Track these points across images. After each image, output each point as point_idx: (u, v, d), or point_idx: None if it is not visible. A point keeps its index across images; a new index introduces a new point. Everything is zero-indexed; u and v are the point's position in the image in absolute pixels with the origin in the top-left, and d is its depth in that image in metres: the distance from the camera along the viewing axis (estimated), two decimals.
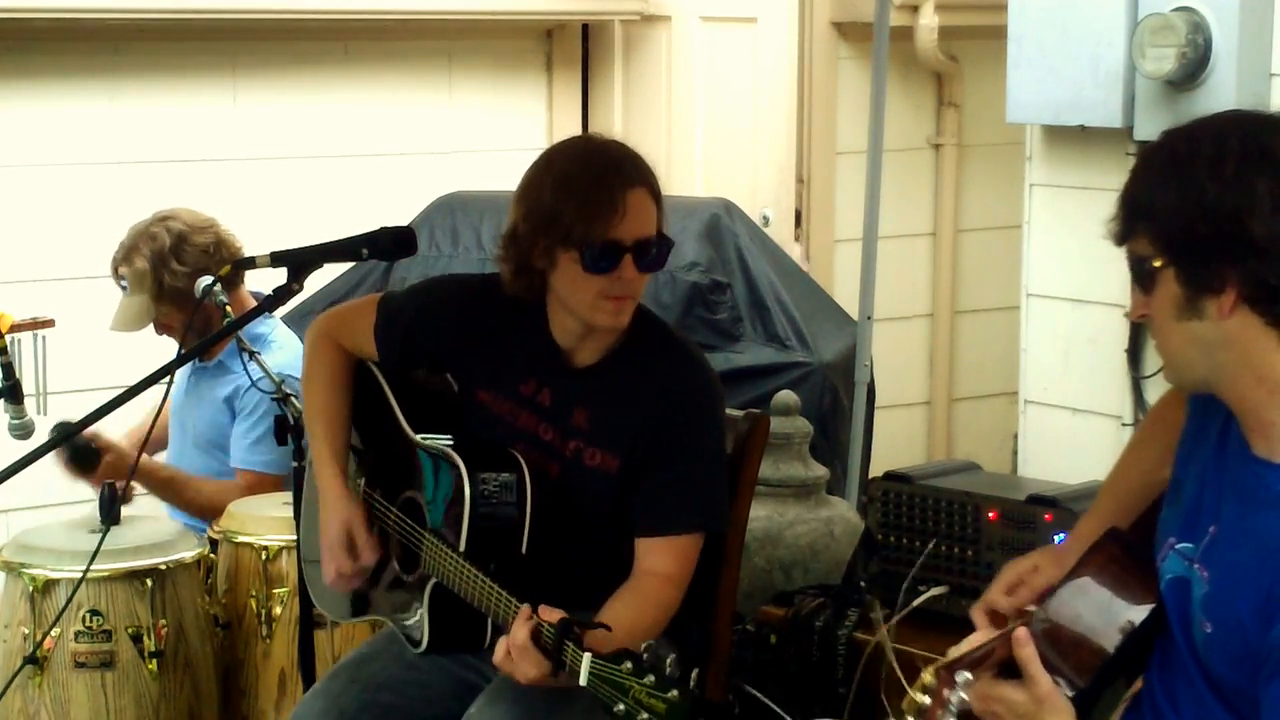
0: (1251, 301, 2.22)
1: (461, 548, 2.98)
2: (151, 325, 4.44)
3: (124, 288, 4.41)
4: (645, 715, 2.55)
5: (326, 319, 3.36)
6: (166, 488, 4.38)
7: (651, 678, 2.56)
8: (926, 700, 2.27)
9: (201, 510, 4.27)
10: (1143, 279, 2.30)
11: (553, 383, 3.10)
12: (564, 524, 3.04)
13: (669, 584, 3.00)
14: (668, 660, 2.58)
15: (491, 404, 3.14)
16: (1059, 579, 2.42)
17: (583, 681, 2.63)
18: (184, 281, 4.32)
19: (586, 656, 2.63)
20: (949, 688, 2.26)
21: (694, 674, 2.63)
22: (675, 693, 2.54)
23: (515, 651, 2.76)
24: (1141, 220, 2.27)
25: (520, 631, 2.76)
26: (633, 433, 3.03)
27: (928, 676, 2.29)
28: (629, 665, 2.58)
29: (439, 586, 3.03)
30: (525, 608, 2.78)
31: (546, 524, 3.02)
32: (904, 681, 2.34)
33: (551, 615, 2.74)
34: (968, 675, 2.27)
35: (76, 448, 4.11)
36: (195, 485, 4.37)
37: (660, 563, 3.00)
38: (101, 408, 2.93)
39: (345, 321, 3.32)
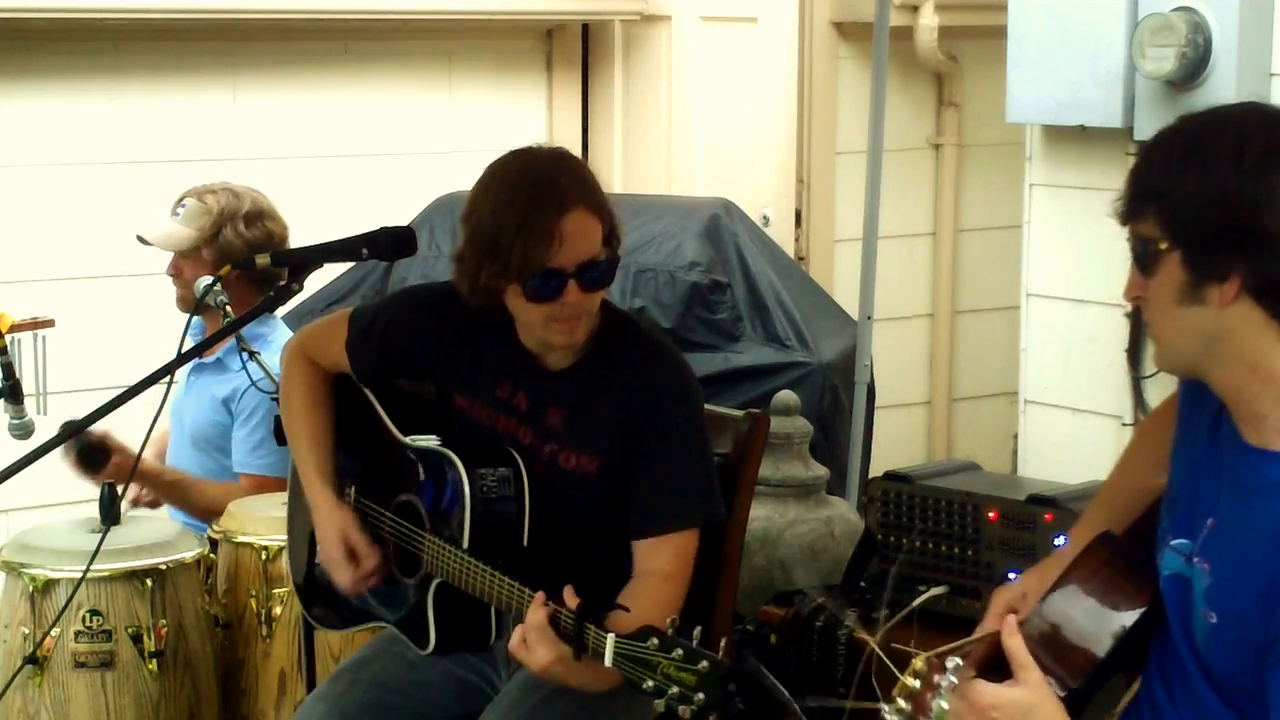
0: (1255, 294, 2.22)
1: (465, 545, 2.97)
2: (170, 263, 4.43)
3: (178, 215, 4.41)
4: (676, 689, 2.52)
5: (299, 338, 3.37)
6: (172, 490, 4.38)
7: (679, 651, 2.54)
8: (917, 684, 2.28)
9: (205, 513, 4.26)
10: (1145, 261, 2.29)
11: (527, 385, 3.09)
12: (550, 526, 3.03)
13: (670, 582, 2.99)
14: (694, 631, 2.56)
15: (469, 409, 3.13)
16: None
17: (608, 662, 2.62)
18: (238, 243, 4.34)
19: (610, 636, 2.62)
20: (940, 673, 2.28)
21: (723, 643, 2.59)
22: (705, 663, 2.52)
23: (531, 636, 2.75)
24: (1152, 202, 2.26)
25: (536, 614, 2.75)
26: (609, 433, 3.02)
27: (919, 663, 2.30)
28: (655, 641, 2.56)
29: (443, 586, 3.03)
30: (539, 594, 2.77)
31: (539, 522, 3.02)
32: (895, 670, 2.33)
33: (570, 600, 2.72)
34: (959, 661, 2.29)
35: (84, 446, 4.09)
36: (200, 488, 4.37)
37: (659, 562, 2.99)
38: (103, 407, 2.93)
39: (318, 340, 3.31)
